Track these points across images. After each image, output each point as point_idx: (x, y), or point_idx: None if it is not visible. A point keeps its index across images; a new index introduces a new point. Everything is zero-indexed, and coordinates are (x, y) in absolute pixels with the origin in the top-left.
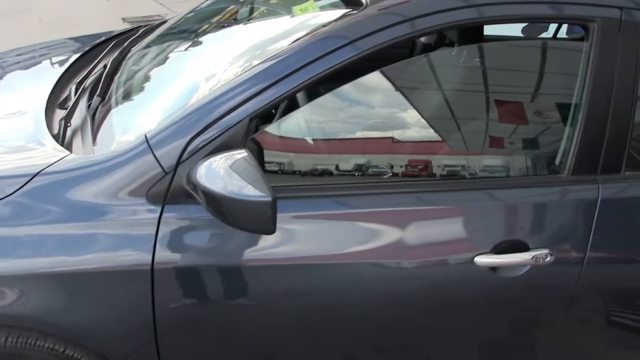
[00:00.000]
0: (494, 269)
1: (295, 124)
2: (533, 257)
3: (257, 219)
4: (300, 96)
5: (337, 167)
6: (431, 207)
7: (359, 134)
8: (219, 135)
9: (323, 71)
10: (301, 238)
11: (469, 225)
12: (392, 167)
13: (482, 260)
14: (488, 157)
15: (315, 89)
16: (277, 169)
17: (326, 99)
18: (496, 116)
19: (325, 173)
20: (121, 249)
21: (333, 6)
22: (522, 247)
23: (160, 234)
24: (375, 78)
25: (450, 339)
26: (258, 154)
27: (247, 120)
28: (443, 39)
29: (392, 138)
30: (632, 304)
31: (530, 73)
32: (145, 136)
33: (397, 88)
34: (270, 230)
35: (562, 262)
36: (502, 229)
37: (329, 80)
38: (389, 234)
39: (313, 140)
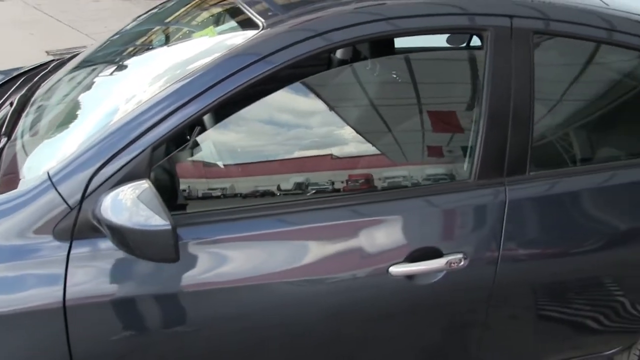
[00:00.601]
0: (410, 277)
1: (207, 148)
2: (447, 262)
3: (159, 249)
4: (209, 118)
5: (250, 189)
6: (342, 221)
7: (269, 155)
8: (122, 167)
9: (224, 95)
10: (217, 262)
11: (380, 236)
12: (302, 185)
13: (397, 270)
14: (397, 167)
15: (223, 111)
16: (195, 194)
17: (234, 121)
18: (405, 127)
19: (239, 195)
20: (31, 288)
21: (231, 30)
22: (436, 254)
23: (69, 270)
24: (282, 97)
25: (380, 350)
26: (170, 180)
27: (150, 150)
28: (358, 54)
29: (302, 157)
30: (548, 297)
31: (437, 83)
32: (48, 173)
33: (305, 106)
34: (174, 258)
35: (477, 264)
36: (415, 237)
37: (234, 102)
38: (302, 252)
39: (224, 163)
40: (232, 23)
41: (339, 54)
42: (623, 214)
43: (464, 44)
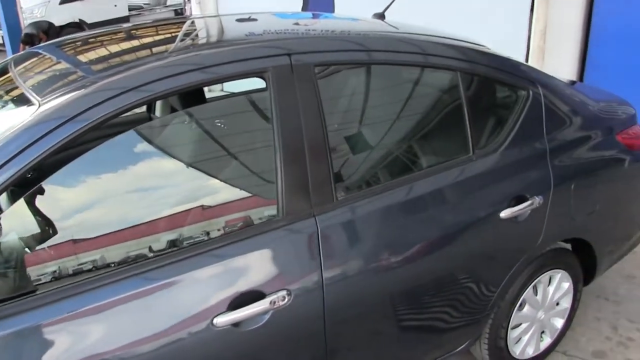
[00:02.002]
0: (237, 324)
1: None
2: (271, 302)
3: None
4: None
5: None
6: (157, 283)
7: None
8: None
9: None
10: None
11: (200, 289)
12: (105, 256)
13: (221, 320)
14: (205, 220)
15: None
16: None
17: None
18: (210, 176)
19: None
20: None
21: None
22: (260, 296)
23: None
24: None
25: None
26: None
27: None
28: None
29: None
30: (386, 310)
31: (236, 130)
32: None
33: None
34: None
35: (302, 298)
36: (235, 283)
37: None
38: (120, 324)
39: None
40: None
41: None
42: (432, 220)
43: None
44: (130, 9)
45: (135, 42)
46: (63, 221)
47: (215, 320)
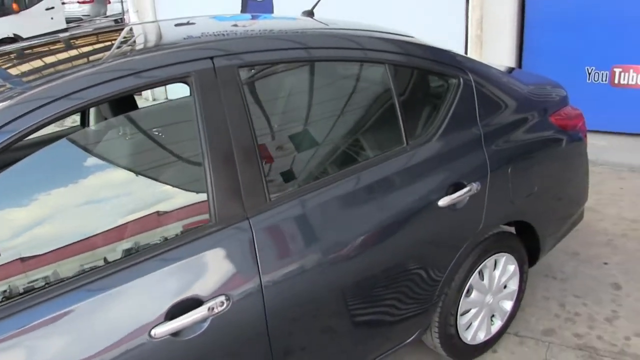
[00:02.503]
0: (176, 334)
1: None
2: (209, 308)
3: None
4: None
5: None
6: (90, 299)
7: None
8: None
9: None
10: None
11: (135, 301)
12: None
13: (159, 330)
14: (137, 231)
15: None
16: None
17: None
18: (141, 186)
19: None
20: None
21: None
22: (197, 304)
23: None
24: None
25: None
26: None
27: None
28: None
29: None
30: (332, 306)
31: (165, 138)
32: None
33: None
34: None
35: (242, 302)
36: (171, 292)
37: None
38: (51, 346)
39: None
40: None
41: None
42: (369, 213)
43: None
44: (69, 21)
45: (66, 52)
46: None
47: (153, 332)
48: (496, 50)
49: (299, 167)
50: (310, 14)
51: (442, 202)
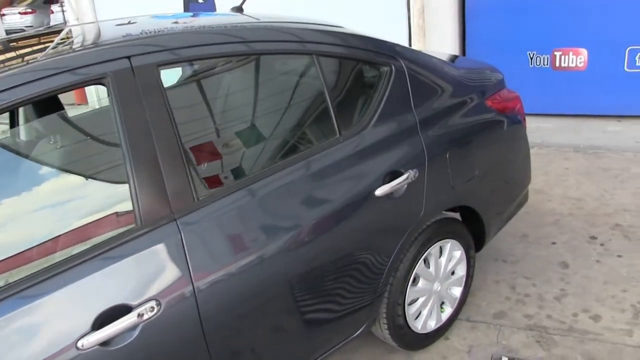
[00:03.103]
0: (105, 344)
1: None
2: (138, 314)
3: None
4: None
5: None
6: (16, 310)
7: None
8: None
9: None
10: None
11: (57, 312)
12: None
13: (87, 341)
14: (62, 239)
15: None
16: None
17: None
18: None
19: None
20: None
21: None
22: (125, 311)
23: None
24: None
25: None
26: None
27: None
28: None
29: None
30: (272, 304)
31: (89, 142)
32: None
33: None
34: None
35: (174, 307)
36: (97, 301)
37: None
38: None
39: None
40: None
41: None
42: (305, 207)
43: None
44: (10, 33)
45: None
46: None
47: (80, 343)
48: (439, 39)
49: (229, 165)
50: (239, 9)
51: (379, 191)
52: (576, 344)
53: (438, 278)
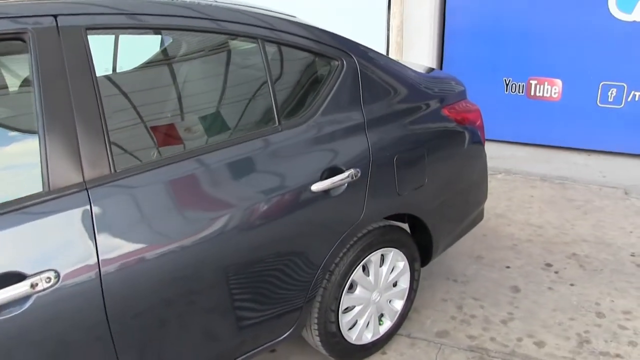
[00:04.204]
0: None
1: None
2: (32, 284)
3: None
4: None
5: None
6: None
7: None
8: None
9: None
10: None
11: None
12: None
13: None
14: None
15: None
16: None
17: None
18: None
19: None
20: None
21: None
22: (18, 278)
23: None
24: None
25: None
26: None
27: None
28: None
29: None
30: (178, 296)
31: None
32: None
33: None
34: None
35: (74, 281)
36: None
37: None
38: None
39: None
40: None
41: None
42: (231, 192)
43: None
44: None
45: None
46: None
47: None
48: (416, 58)
49: (154, 139)
50: None
51: (316, 186)
52: None
53: (378, 287)
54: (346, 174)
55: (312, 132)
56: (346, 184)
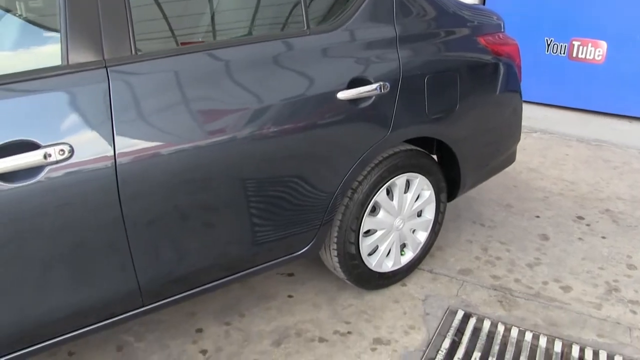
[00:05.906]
0: (4, 178)
1: None
2: (45, 154)
3: None
4: None
5: None
6: None
7: None
8: None
9: None
10: None
11: None
12: None
13: None
14: None
15: None
16: None
17: None
18: None
19: None
20: None
21: None
22: (32, 147)
23: None
24: None
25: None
26: None
27: None
28: None
29: None
30: (193, 191)
31: None
32: None
33: None
34: None
35: (87, 156)
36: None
37: None
38: None
39: None
40: None
41: None
42: (254, 88)
43: None
44: None
45: None
46: None
47: None
48: None
49: (179, 25)
50: None
51: (342, 94)
52: (539, 309)
53: (401, 214)
54: (374, 85)
55: (341, 39)
56: (374, 97)
